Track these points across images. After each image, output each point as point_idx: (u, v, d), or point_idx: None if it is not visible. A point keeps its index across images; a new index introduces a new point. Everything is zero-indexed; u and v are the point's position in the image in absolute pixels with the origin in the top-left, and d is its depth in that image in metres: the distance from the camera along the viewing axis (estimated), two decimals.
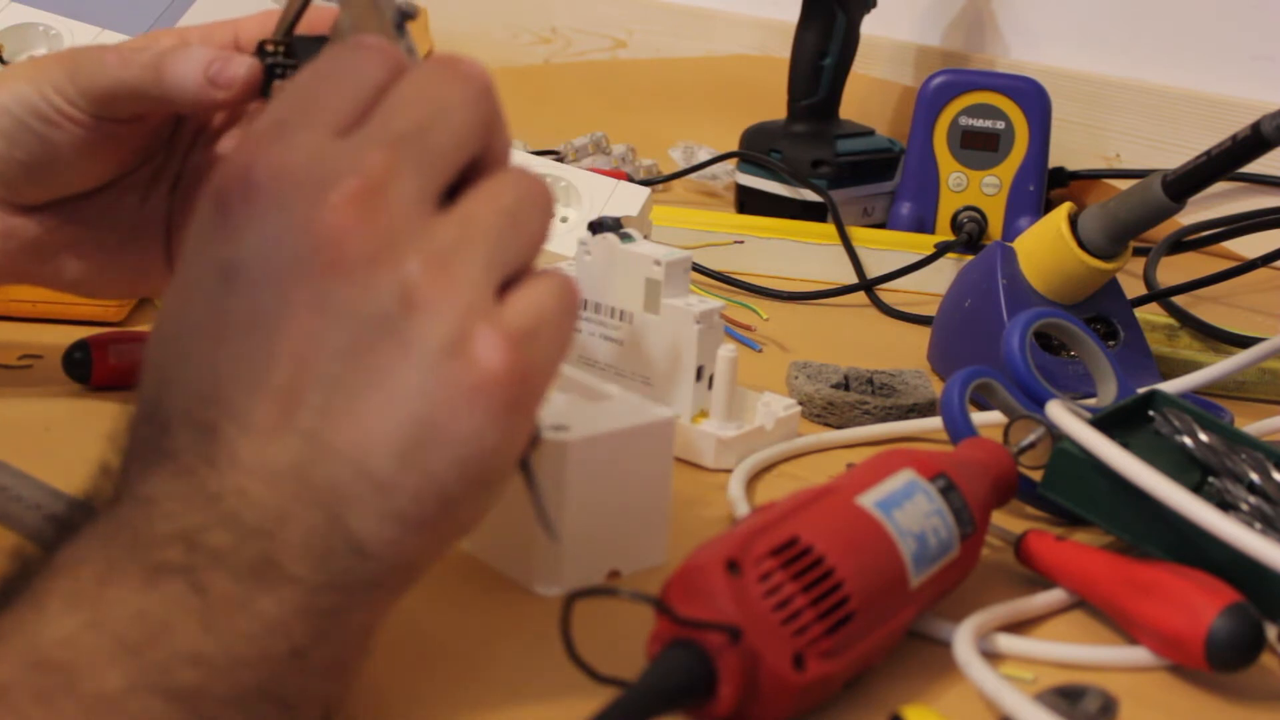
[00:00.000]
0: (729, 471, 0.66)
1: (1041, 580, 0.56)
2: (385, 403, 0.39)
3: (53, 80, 0.58)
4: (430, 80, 0.42)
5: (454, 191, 0.42)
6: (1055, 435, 0.58)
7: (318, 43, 0.56)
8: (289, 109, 0.42)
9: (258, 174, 0.40)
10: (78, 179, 0.60)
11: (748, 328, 0.88)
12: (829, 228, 1.03)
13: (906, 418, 0.73)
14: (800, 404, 0.72)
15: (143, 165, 0.62)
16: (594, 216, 0.70)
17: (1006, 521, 0.61)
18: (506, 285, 0.41)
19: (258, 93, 0.57)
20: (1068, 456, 0.56)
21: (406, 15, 0.49)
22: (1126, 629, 0.53)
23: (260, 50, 0.57)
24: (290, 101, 0.42)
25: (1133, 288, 0.88)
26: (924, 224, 1.09)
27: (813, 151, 1.10)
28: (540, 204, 0.42)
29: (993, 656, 0.51)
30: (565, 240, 0.83)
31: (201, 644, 0.37)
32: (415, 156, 0.40)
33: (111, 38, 0.93)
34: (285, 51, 0.56)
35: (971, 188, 1.08)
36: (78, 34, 0.93)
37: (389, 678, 0.47)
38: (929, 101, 1.08)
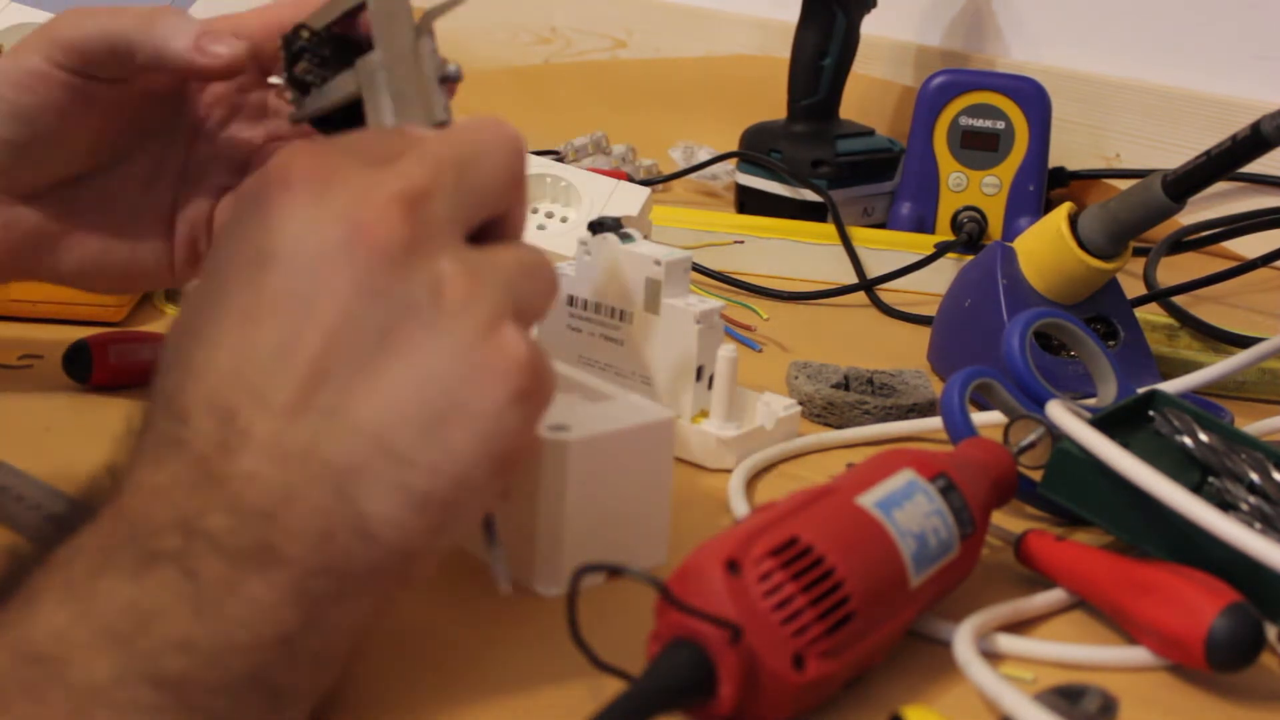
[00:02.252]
0: (729, 471, 0.66)
1: (1041, 580, 0.56)
2: (411, 378, 0.39)
3: (31, 45, 0.57)
4: (472, 125, 0.45)
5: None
6: (1055, 435, 0.58)
7: (351, 51, 0.52)
8: (328, 145, 0.43)
9: (299, 172, 0.41)
10: (69, 153, 0.60)
11: (748, 328, 0.88)
12: (829, 228, 1.03)
13: (906, 418, 0.73)
14: (800, 404, 0.72)
15: (140, 154, 0.62)
16: (594, 216, 0.70)
17: (1006, 521, 0.61)
18: None
19: (239, 72, 0.57)
20: (1068, 456, 0.56)
21: (450, 78, 0.50)
22: (1126, 629, 0.53)
23: (294, 31, 0.54)
24: (329, 143, 0.44)
25: (1133, 288, 0.88)
26: (924, 224, 1.09)
27: (813, 151, 1.10)
28: (549, 281, 0.44)
29: (993, 656, 0.51)
30: (565, 240, 0.83)
31: (191, 630, 0.37)
32: (454, 182, 0.42)
33: None
34: (316, 43, 0.54)
35: (971, 188, 1.08)
36: None
37: (388, 677, 0.47)
38: (929, 101, 1.08)
